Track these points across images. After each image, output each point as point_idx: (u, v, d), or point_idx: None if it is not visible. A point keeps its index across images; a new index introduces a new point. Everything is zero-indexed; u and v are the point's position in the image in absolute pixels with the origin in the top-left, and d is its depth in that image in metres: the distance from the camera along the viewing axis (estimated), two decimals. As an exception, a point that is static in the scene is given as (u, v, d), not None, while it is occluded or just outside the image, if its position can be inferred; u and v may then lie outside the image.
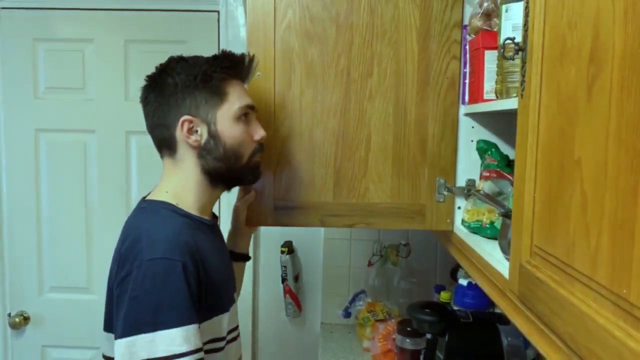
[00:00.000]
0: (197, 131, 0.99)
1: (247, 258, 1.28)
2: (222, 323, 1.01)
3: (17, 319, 1.95)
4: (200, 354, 0.88)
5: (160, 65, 1.02)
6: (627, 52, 0.46)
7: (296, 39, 1.18)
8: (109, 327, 0.96)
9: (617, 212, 0.47)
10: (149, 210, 0.99)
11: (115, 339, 0.87)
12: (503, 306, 0.82)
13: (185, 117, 0.97)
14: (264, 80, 1.18)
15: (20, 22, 1.88)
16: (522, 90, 0.72)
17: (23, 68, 1.90)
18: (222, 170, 1.01)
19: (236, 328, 1.09)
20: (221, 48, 1.81)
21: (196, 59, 1.01)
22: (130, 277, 0.88)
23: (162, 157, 1.04)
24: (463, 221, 1.15)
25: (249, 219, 1.22)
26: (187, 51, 1.80)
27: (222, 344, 1.01)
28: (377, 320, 1.70)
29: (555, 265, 0.61)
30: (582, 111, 0.54)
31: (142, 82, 1.04)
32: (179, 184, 1.01)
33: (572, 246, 0.56)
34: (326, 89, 1.19)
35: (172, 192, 1.00)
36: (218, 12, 1.86)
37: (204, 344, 0.94)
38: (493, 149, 1.13)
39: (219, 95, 0.99)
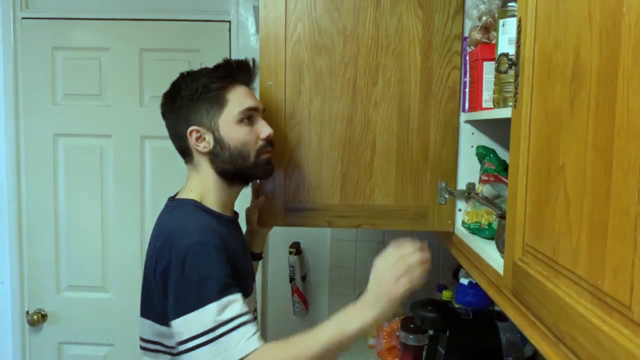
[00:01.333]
0: (204, 139, 1.08)
1: (260, 257, 1.35)
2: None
3: (35, 317, 2.00)
4: (249, 316, 0.94)
5: (173, 82, 1.12)
6: (601, 71, 0.52)
7: (306, 51, 1.24)
8: (144, 314, 1.06)
9: (593, 212, 0.53)
10: (177, 208, 1.08)
11: (170, 320, 0.95)
12: (499, 301, 0.87)
13: (192, 127, 1.07)
14: (275, 89, 1.25)
15: (40, 32, 1.94)
16: (515, 101, 0.77)
17: (42, 75, 1.95)
18: (232, 171, 1.10)
19: (254, 311, 1.17)
20: (232, 56, 1.87)
21: (199, 73, 1.10)
22: (170, 266, 0.96)
23: (185, 162, 1.14)
24: (463, 222, 1.20)
25: (261, 220, 1.29)
26: (200, 59, 1.87)
27: None
28: (382, 319, 1.74)
29: (543, 261, 0.66)
30: (565, 122, 0.60)
31: (157, 89, 1.13)
32: (201, 185, 1.10)
33: (557, 243, 0.62)
34: (334, 97, 1.25)
35: (196, 192, 1.09)
36: (229, 22, 1.92)
37: None
38: (491, 154, 1.17)
39: (219, 104, 1.07)
